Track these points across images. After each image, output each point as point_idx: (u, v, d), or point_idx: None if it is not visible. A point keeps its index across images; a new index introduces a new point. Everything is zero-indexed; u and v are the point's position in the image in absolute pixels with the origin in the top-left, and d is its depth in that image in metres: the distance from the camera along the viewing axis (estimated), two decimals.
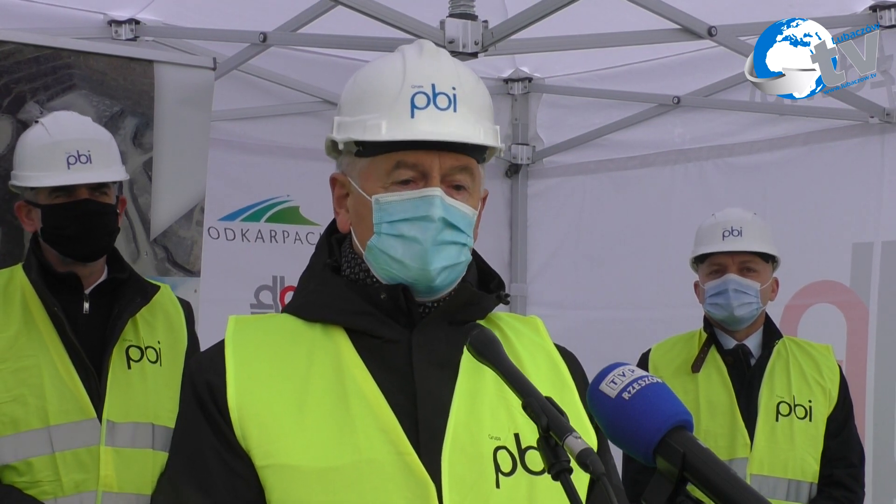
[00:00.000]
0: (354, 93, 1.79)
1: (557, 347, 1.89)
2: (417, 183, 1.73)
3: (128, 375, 3.07)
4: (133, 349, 3.10)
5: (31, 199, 3.10)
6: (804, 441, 3.76)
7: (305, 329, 1.77)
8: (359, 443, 1.65)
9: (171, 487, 1.73)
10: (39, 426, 2.95)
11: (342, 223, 1.84)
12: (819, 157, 4.89)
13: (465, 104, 1.74)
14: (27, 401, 2.94)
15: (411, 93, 1.72)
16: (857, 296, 4.67)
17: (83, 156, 3.06)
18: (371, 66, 1.82)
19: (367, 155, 1.75)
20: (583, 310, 5.69)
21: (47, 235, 3.06)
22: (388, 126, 1.71)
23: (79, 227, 3.05)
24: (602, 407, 1.43)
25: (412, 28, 3.74)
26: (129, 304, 3.10)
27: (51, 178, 3.04)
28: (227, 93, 4.77)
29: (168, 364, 3.15)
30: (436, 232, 1.71)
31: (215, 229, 5.06)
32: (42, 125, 3.17)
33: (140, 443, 3.06)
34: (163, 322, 3.20)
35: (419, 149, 1.71)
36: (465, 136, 1.72)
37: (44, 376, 2.96)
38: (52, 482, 2.95)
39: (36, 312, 3.01)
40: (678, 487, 1.36)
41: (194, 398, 1.71)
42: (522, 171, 5.99)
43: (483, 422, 1.70)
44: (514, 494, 1.68)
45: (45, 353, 2.98)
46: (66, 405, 2.97)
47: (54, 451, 2.95)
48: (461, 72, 1.78)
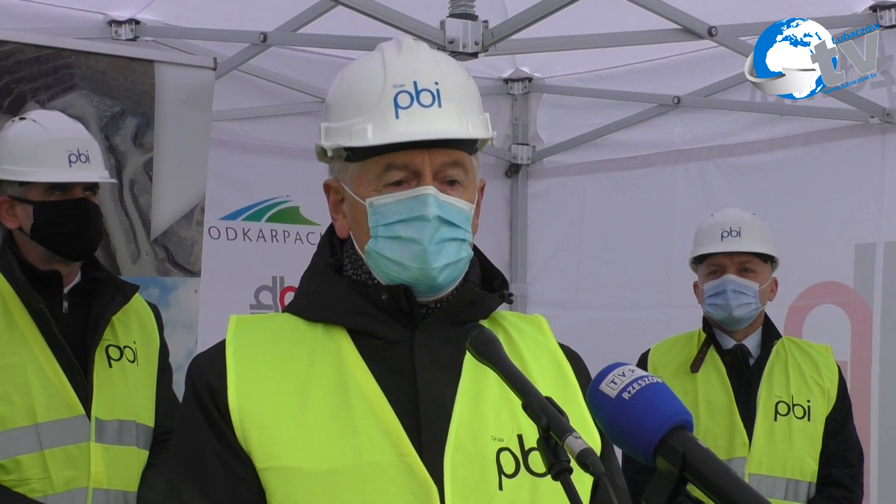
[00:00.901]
0: (338, 96, 1.77)
1: (561, 347, 1.88)
2: (410, 183, 1.71)
3: (110, 374, 3.07)
4: (112, 348, 3.11)
5: (18, 195, 3.04)
6: (803, 440, 3.76)
7: (307, 329, 1.76)
8: (360, 445, 1.64)
9: (171, 489, 1.71)
10: (27, 423, 2.93)
11: (340, 229, 1.83)
12: (819, 157, 4.90)
13: (450, 98, 1.71)
14: (13, 399, 2.92)
15: (394, 93, 1.69)
16: (860, 297, 4.67)
17: (83, 154, 3.06)
18: (352, 68, 1.79)
19: (356, 160, 1.74)
20: (583, 310, 5.69)
21: (39, 232, 3.02)
22: (374, 130, 1.69)
23: (75, 225, 3.04)
24: (602, 407, 1.43)
25: (412, 28, 3.74)
26: (109, 303, 3.10)
27: (53, 174, 3.02)
28: (227, 93, 4.77)
29: (143, 364, 3.17)
30: (433, 230, 1.70)
31: (216, 229, 5.07)
32: (34, 122, 3.11)
33: (126, 440, 3.07)
34: (136, 323, 3.21)
35: (408, 149, 1.69)
36: (452, 131, 1.70)
37: (29, 374, 2.94)
38: (42, 479, 2.93)
39: (15, 311, 2.98)
40: (678, 487, 1.36)
41: (194, 399, 1.69)
42: (522, 171, 5.99)
43: (486, 423, 1.70)
44: (517, 496, 1.67)
45: (28, 352, 2.96)
46: (54, 402, 2.96)
47: (43, 449, 2.93)
48: (443, 65, 1.75)
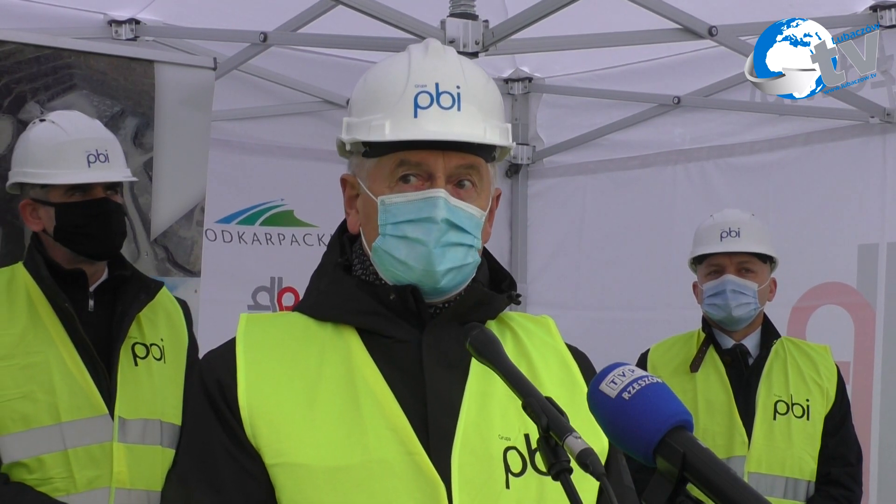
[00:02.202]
0: (362, 93, 1.79)
1: (569, 347, 1.88)
2: (423, 184, 1.72)
3: (135, 372, 3.06)
4: (139, 346, 3.09)
5: (39, 198, 3.06)
6: (802, 439, 3.76)
7: (317, 328, 1.77)
8: (369, 442, 1.65)
9: (180, 485, 1.73)
10: (51, 423, 2.92)
11: (352, 224, 1.83)
12: (820, 157, 4.90)
13: (470, 103, 1.72)
14: (37, 397, 2.92)
15: (415, 92, 1.71)
16: (863, 297, 4.67)
17: (101, 154, 3.05)
18: (379, 66, 1.81)
19: (373, 155, 1.75)
20: (583, 310, 5.69)
21: (62, 234, 3.02)
22: (392, 126, 1.70)
23: (97, 225, 3.03)
24: (602, 407, 1.43)
25: (412, 28, 3.74)
26: (133, 300, 3.09)
27: (72, 175, 3.02)
28: (227, 93, 4.77)
29: (171, 361, 3.15)
30: (439, 233, 1.70)
31: (212, 231, 5.06)
32: (53, 123, 3.12)
33: (150, 439, 3.05)
34: (164, 320, 3.20)
35: (423, 148, 1.70)
36: (468, 135, 1.70)
37: (53, 373, 2.94)
38: (65, 479, 2.93)
39: (42, 309, 2.99)
40: (678, 487, 1.35)
41: (205, 396, 1.70)
42: (522, 171, 5.99)
43: (493, 422, 1.70)
44: (524, 495, 1.68)
45: (53, 350, 2.96)
46: (78, 401, 2.95)
47: (66, 448, 2.93)
48: (468, 70, 1.77)
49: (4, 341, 2.94)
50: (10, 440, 2.91)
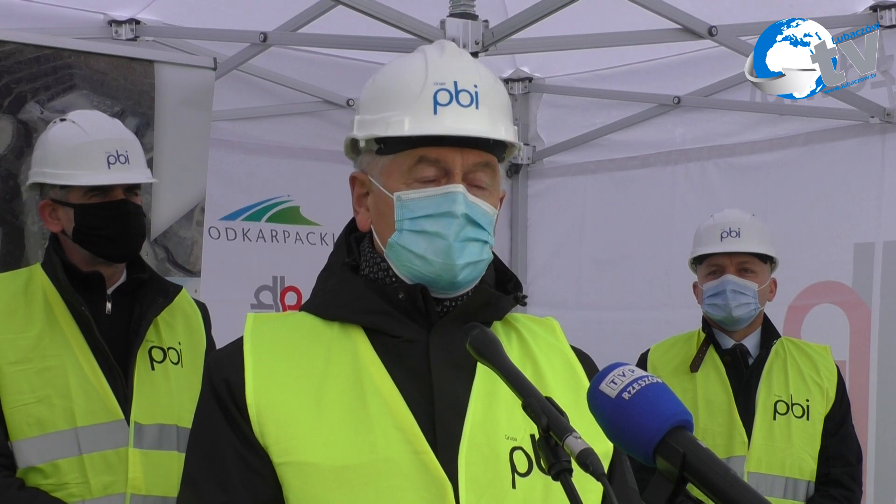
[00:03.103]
0: (375, 91, 1.80)
1: (573, 349, 1.90)
2: (439, 180, 1.73)
3: (152, 377, 3.02)
4: (156, 350, 3.05)
5: (59, 198, 3.01)
6: (802, 439, 3.77)
7: (324, 327, 1.77)
8: (376, 441, 1.66)
9: (188, 484, 1.73)
10: (66, 427, 2.89)
11: (362, 222, 1.84)
12: (819, 157, 4.89)
13: (486, 102, 1.75)
14: (53, 402, 2.88)
15: (434, 90, 1.72)
16: (859, 296, 4.67)
17: (122, 155, 3.00)
18: (392, 66, 1.82)
19: (388, 152, 1.75)
20: (583, 310, 5.68)
21: (81, 235, 2.98)
22: (412, 122, 1.71)
23: (116, 227, 2.99)
24: (602, 407, 1.43)
25: (412, 28, 3.74)
26: (151, 304, 3.05)
27: (92, 176, 2.97)
28: (227, 93, 4.77)
29: (189, 365, 3.10)
30: (459, 228, 1.72)
31: (216, 229, 5.06)
32: (74, 123, 3.07)
33: (166, 445, 3.01)
34: (182, 323, 3.15)
35: (442, 145, 1.72)
36: (488, 132, 1.73)
37: (69, 377, 2.90)
38: (80, 484, 2.89)
39: (59, 312, 2.95)
40: (678, 487, 1.35)
41: (212, 395, 1.71)
42: (522, 171, 5.99)
43: (499, 422, 1.71)
44: (530, 494, 1.69)
45: (69, 354, 2.92)
46: (93, 406, 2.91)
47: (82, 453, 2.89)
48: (482, 71, 1.79)
49: (21, 345, 2.90)
50: (26, 445, 2.88)
